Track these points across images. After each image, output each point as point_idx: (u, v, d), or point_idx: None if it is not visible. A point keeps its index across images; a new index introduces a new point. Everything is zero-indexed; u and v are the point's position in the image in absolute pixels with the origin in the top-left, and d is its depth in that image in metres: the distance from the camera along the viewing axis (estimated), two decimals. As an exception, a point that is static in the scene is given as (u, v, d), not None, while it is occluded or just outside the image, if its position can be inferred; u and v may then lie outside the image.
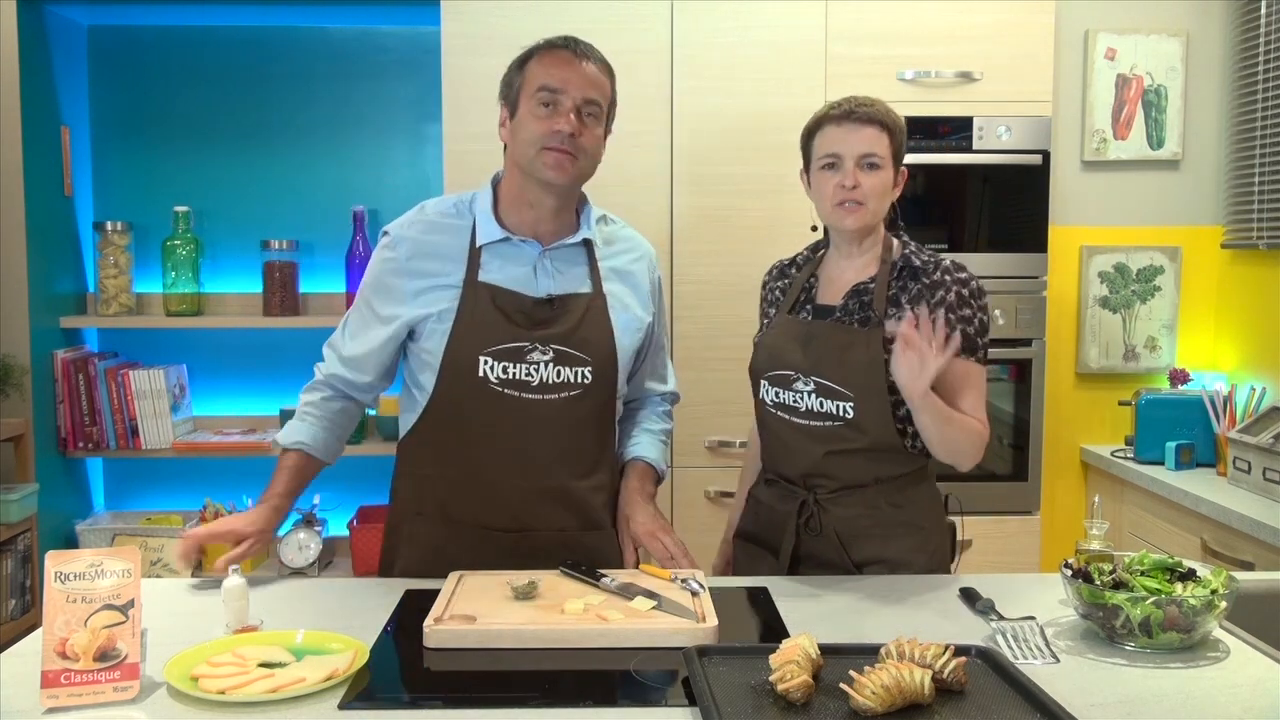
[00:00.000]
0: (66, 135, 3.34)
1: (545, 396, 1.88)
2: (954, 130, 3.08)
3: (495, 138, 3.06)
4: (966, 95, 3.07)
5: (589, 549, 1.93)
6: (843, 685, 1.33)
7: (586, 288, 1.94)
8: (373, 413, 3.39)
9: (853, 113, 1.94)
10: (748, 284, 3.04)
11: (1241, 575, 1.73)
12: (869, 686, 1.30)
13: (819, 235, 2.99)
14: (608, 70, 1.93)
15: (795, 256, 2.13)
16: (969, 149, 3.08)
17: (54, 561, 1.41)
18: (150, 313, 3.47)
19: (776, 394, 2.00)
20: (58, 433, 3.28)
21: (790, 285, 2.09)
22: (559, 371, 1.88)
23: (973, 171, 3.10)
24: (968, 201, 3.14)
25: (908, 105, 3.09)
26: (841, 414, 1.93)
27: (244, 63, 3.49)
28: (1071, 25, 3.34)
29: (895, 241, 2.02)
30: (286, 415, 3.35)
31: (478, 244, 1.91)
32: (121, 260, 3.39)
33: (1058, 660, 1.51)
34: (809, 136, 2.01)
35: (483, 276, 1.89)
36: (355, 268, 3.40)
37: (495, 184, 1.98)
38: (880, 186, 1.94)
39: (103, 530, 3.29)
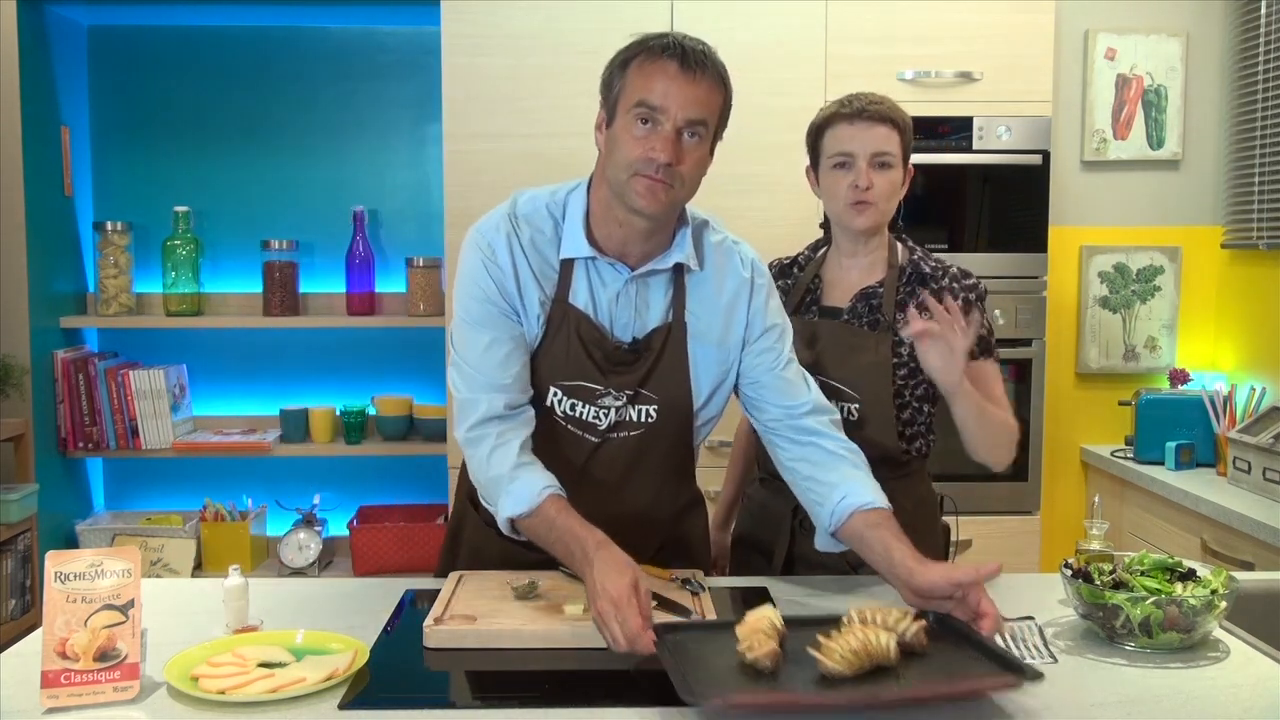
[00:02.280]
0: (66, 135, 3.34)
1: (608, 438, 1.75)
2: (954, 130, 3.08)
3: (495, 137, 3.06)
4: (966, 95, 3.07)
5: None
6: (811, 650, 1.36)
7: (666, 318, 1.76)
8: (373, 412, 3.40)
9: (865, 110, 1.92)
10: (748, 284, 3.05)
11: (1241, 575, 1.73)
12: (838, 650, 1.33)
13: (820, 231, 2.99)
14: (719, 81, 1.69)
15: (796, 256, 2.12)
16: (969, 149, 3.08)
17: (54, 561, 1.40)
18: (150, 313, 3.47)
19: None
20: (58, 433, 3.28)
21: (794, 285, 2.08)
22: (625, 414, 1.74)
23: (973, 171, 3.10)
24: (968, 201, 3.14)
25: (908, 105, 3.08)
26: (845, 414, 1.93)
27: (244, 63, 3.49)
28: (1071, 25, 3.34)
29: (900, 246, 2.02)
30: (287, 415, 3.37)
31: (563, 255, 1.73)
32: (121, 260, 3.39)
33: (1055, 660, 1.51)
34: (818, 134, 1.99)
35: (571, 298, 1.72)
36: (355, 268, 3.40)
37: (589, 188, 1.76)
38: (891, 185, 1.94)
39: (103, 530, 3.29)
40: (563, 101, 3.03)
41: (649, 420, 1.75)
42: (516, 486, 1.61)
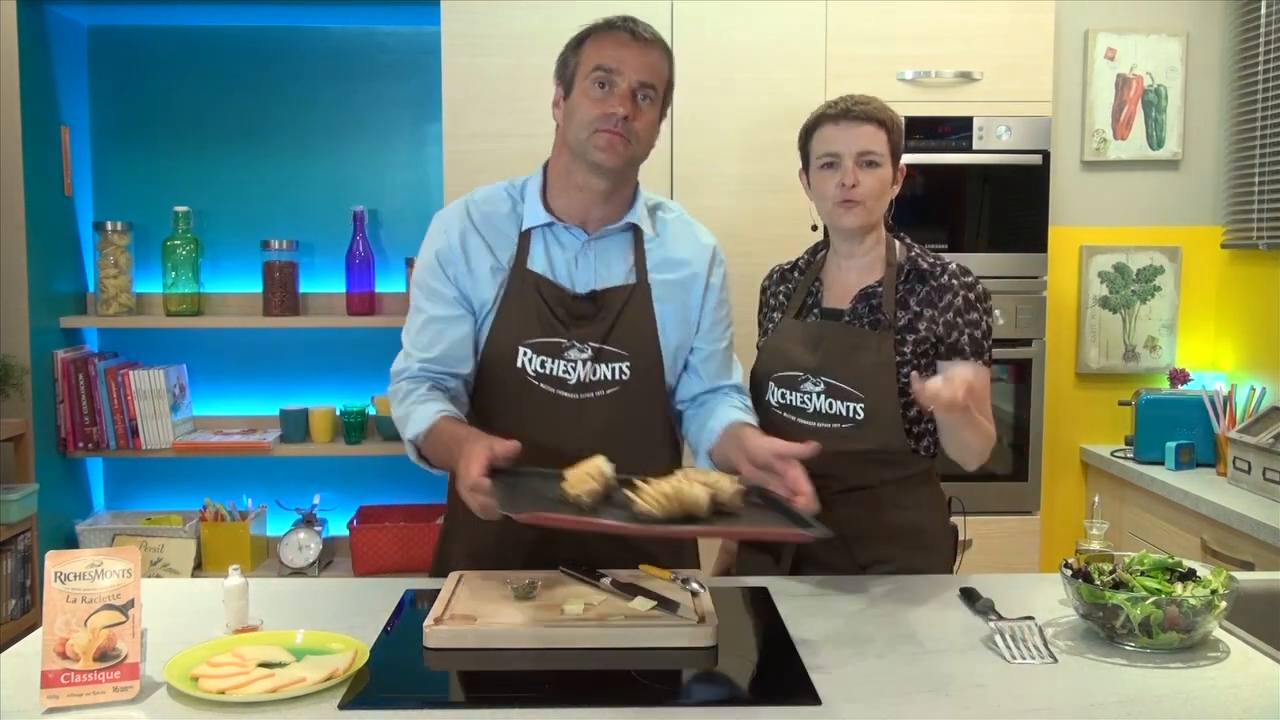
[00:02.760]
0: (66, 135, 3.34)
1: (582, 395, 1.83)
2: (954, 130, 3.08)
3: (495, 137, 3.06)
4: (966, 95, 3.07)
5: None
6: (626, 491, 1.47)
7: (629, 279, 1.88)
8: (373, 412, 3.40)
9: (849, 111, 1.94)
10: (747, 284, 3.05)
11: (1241, 575, 1.73)
12: (650, 493, 1.45)
13: (819, 235, 3.00)
14: (666, 53, 1.85)
15: (796, 261, 2.13)
16: (969, 149, 3.08)
17: (54, 561, 1.40)
18: (150, 313, 3.47)
19: (783, 395, 1.99)
20: (58, 433, 3.28)
21: (794, 289, 2.08)
22: (595, 370, 1.84)
23: (973, 171, 3.10)
24: (968, 201, 3.14)
25: (908, 105, 3.09)
26: (851, 415, 1.93)
27: (244, 63, 3.49)
28: (1071, 25, 3.34)
29: (898, 244, 2.02)
30: (287, 415, 3.37)
31: (524, 227, 1.87)
32: (121, 260, 3.39)
33: (1055, 660, 1.51)
34: (807, 136, 2.01)
35: (530, 264, 1.85)
36: (355, 268, 3.40)
37: (546, 167, 1.92)
38: (879, 184, 1.94)
39: (103, 530, 3.29)
40: (563, 101, 3.02)
41: (623, 378, 1.84)
42: (417, 412, 1.77)
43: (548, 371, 1.83)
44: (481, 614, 1.62)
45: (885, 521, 1.96)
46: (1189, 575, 1.62)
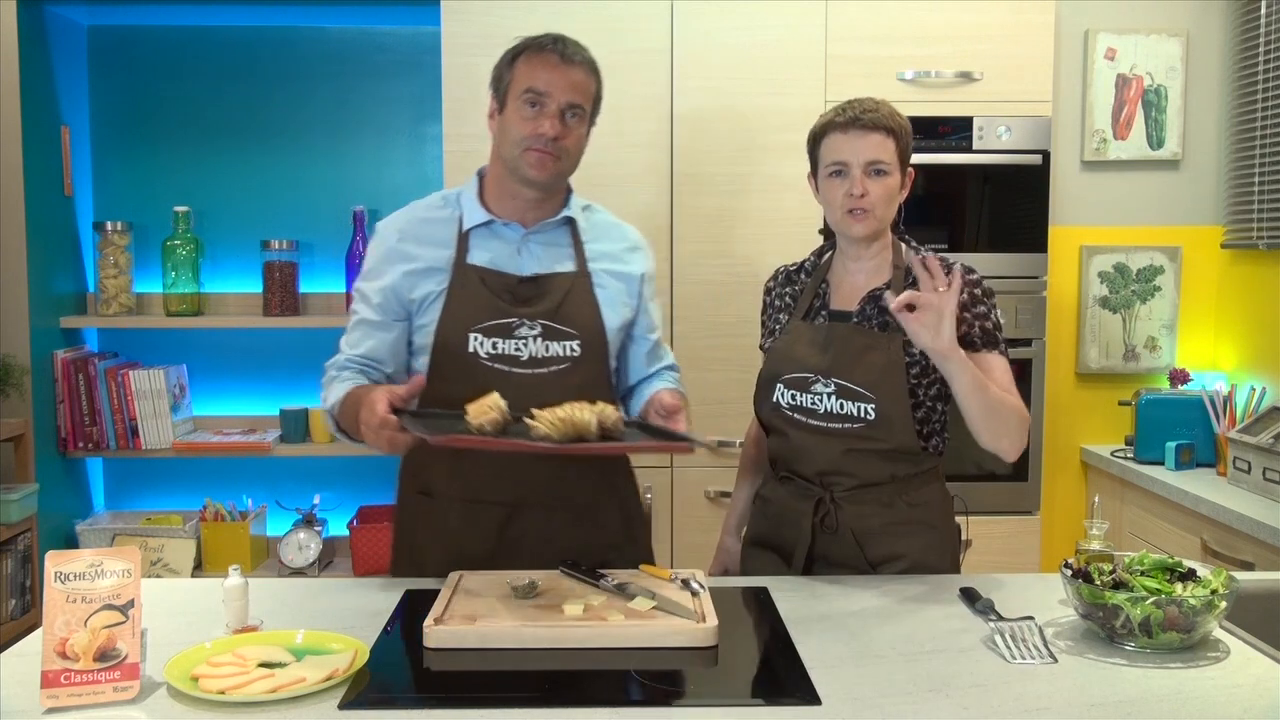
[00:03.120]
0: (66, 135, 3.34)
1: (535, 370, 1.93)
2: (954, 130, 3.08)
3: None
4: (966, 95, 3.07)
5: (587, 520, 1.99)
6: (526, 419, 1.66)
7: (570, 266, 2.00)
8: (373, 413, 3.40)
9: (858, 119, 1.93)
10: (748, 284, 3.05)
11: (1241, 575, 1.73)
12: (547, 418, 1.64)
13: (818, 236, 3.00)
14: (593, 71, 1.96)
15: (803, 263, 2.12)
16: (969, 149, 3.08)
17: (54, 561, 1.41)
18: (150, 313, 3.47)
19: (793, 396, 1.99)
20: (58, 433, 3.28)
21: (801, 292, 2.08)
22: (547, 346, 1.94)
23: (973, 171, 3.10)
24: (968, 201, 3.14)
25: (908, 105, 3.08)
26: (862, 415, 1.93)
27: (243, 62, 3.49)
28: (1071, 25, 3.34)
29: (904, 246, 2.02)
30: (287, 415, 3.37)
31: (464, 228, 1.98)
32: (121, 260, 3.39)
33: (1055, 660, 1.52)
34: (815, 142, 2.00)
35: (470, 259, 1.95)
36: (355, 268, 3.40)
37: (481, 175, 2.05)
38: (887, 192, 1.94)
39: (103, 530, 3.29)
40: (563, 101, 3.02)
41: (573, 354, 1.95)
42: (336, 388, 1.91)
43: (500, 352, 1.92)
44: (481, 614, 1.62)
45: (897, 518, 1.97)
46: (1189, 575, 1.63)
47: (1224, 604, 1.53)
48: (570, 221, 2.02)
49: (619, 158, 3.02)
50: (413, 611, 1.70)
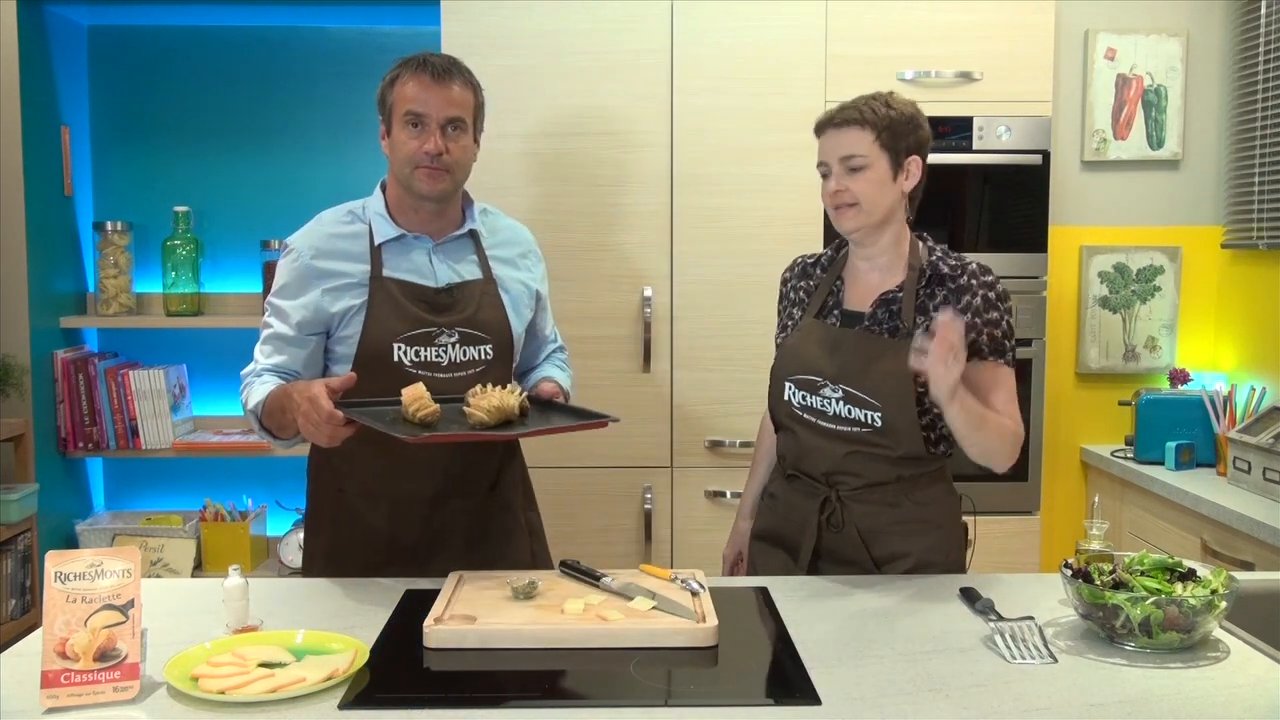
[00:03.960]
0: (66, 135, 3.34)
1: (454, 375, 2.04)
2: (954, 130, 3.08)
3: (492, 138, 3.07)
4: (966, 95, 3.07)
5: (495, 513, 2.14)
6: (463, 408, 1.85)
7: (478, 274, 2.12)
8: (373, 413, 3.40)
9: (832, 117, 1.97)
10: (748, 284, 3.06)
11: (1241, 575, 1.73)
12: (484, 405, 1.83)
13: (819, 235, 3.00)
14: (469, 85, 2.05)
15: (820, 256, 2.12)
16: (969, 149, 3.08)
17: (54, 561, 1.41)
18: (150, 313, 3.47)
19: (804, 398, 2.00)
20: (58, 433, 3.28)
21: (816, 287, 2.08)
22: (465, 351, 2.06)
23: (973, 171, 3.10)
24: (968, 201, 3.14)
25: (908, 105, 3.08)
26: (870, 422, 1.93)
27: (244, 63, 3.49)
28: (1071, 25, 3.34)
29: (922, 246, 2.01)
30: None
31: (376, 243, 2.06)
32: (121, 260, 3.39)
33: (1055, 660, 1.52)
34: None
35: (386, 272, 2.05)
36: (355, 268, 3.40)
37: (383, 187, 2.13)
38: (869, 185, 1.93)
39: (103, 530, 3.29)
40: (563, 101, 3.03)
41: (487, 358, 2.08)
42: (257, 391, 1.99)
43: (422, 359, 2.03)
44: (481, 614, 1.62)
45: (902, 517, 1.97)
46: (1189, 575, 1.63)
47: (1224, 604, 1.53)
48: (474, 232, 2.14)
49: (618, 158, 3.02)
50: (413, 611, 1.70)
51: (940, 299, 1.94)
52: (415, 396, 1.84)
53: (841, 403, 1.95)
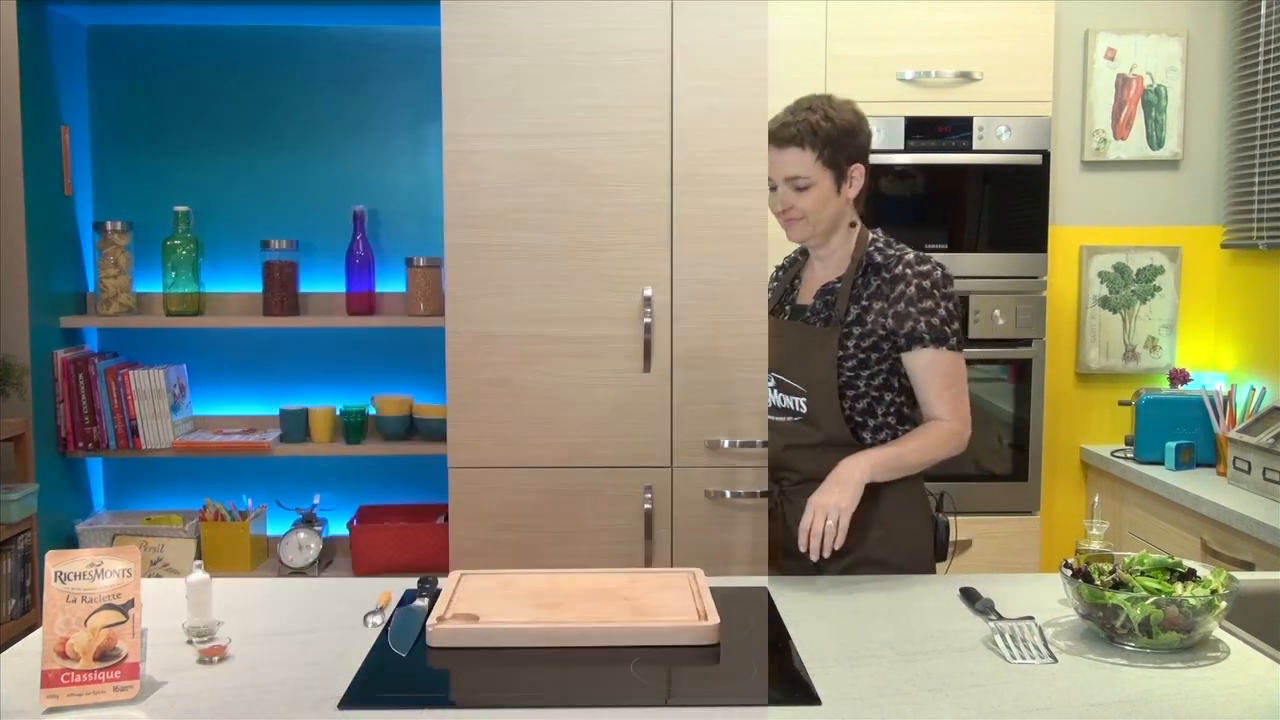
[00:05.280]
0: (66, 135, 3.34)
1: None
2: (954, 130, 3.08)
3: (495, 138, 3.08)
4: (966, 95, 3.07)
5: None
6: None
7: None
8: (373, 412, 3.40)
9: (775, 134, 2.04)
10: (748, 284, 3.05)
11: (1241, 575, 1.73)
12: None
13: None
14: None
15: (794, 255, 2.20)
16: (969, 149, 3.08)
17: (54, 561, 1.40)
18: (150, 313, 3.47)
19: (771, 392, 2.10)
20: (58, 433, 3.28)
21: (776, 287, 2.19)
22: None
23: (973, 171, 3.10)
24: (968, 201, 3.14)
25: (908, 105, 3.10)
26: (797, 409, 2.00)
27: (244, 63, 3.49)
28: (1071, 25, 3.34)
29: (869, 236, 2.05)
30: (286, 415, 3.37)
31: None
32: (121, 260, 3.39)
33: (1055, 660, 1.52)
34: None
35: None
36: (355, 268, 3.40)
37: None
38: (813, 201, 2.00)
39: (103, 530, 3.28)
40: (563, 101, 3.03)
41: None
42: None
43: None
44: (483, 613, 1.62)
45: None
46: (1189, 575, 1.62)
47: (1224, 604, 1.53)
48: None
49: (619, 157, 3.02)
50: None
51: (874, 288, 1.98)
52: None
53: (775, 392, 2.04)
